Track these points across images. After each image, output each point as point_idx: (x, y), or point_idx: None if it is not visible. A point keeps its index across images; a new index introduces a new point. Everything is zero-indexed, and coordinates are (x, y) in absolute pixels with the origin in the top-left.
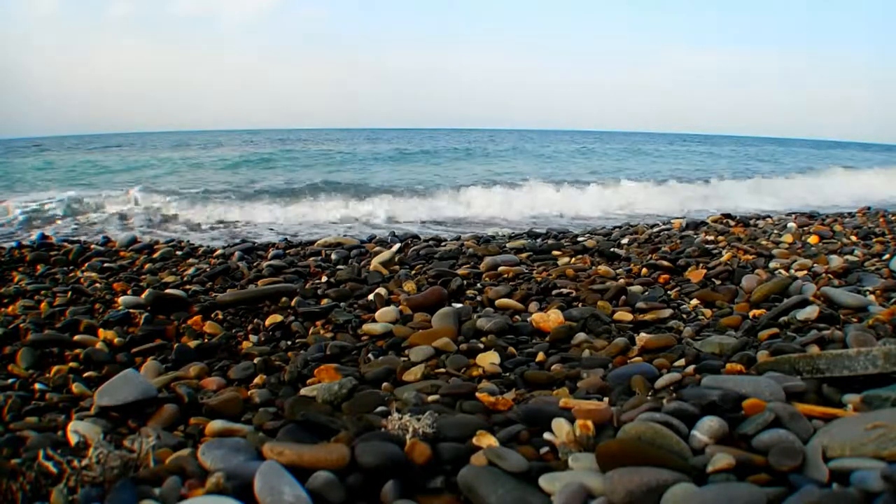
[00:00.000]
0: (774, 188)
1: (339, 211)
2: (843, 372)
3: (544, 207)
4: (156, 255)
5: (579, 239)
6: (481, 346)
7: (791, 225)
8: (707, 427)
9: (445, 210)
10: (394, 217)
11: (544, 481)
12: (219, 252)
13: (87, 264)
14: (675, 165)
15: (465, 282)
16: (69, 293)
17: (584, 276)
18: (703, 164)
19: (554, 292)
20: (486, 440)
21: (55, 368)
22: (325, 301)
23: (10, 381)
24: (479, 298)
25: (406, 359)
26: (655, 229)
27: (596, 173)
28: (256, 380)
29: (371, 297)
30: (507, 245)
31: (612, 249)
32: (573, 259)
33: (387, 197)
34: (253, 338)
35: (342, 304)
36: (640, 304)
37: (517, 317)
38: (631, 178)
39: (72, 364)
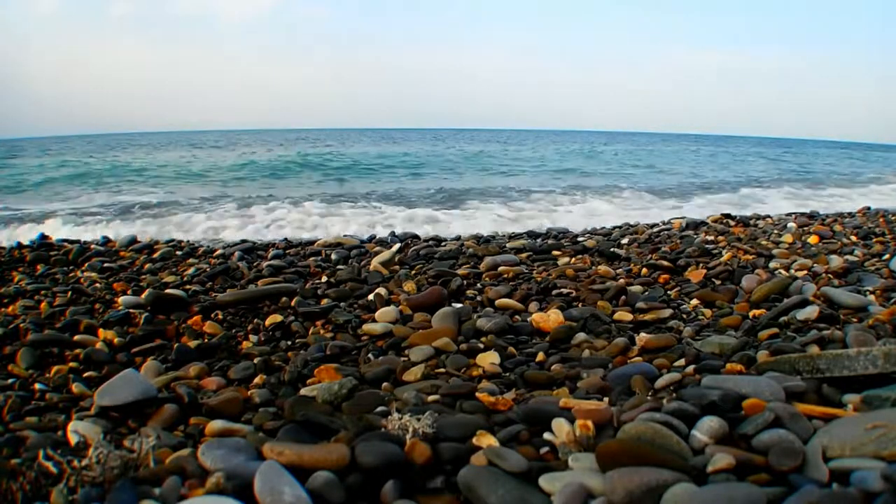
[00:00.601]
0: None
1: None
2: (843, 372)
3: None
4: (156, 255)
5: (579, 239)
6: (481, 346)
7: (791, 225)
8: (707, 427)
9: None
10: None
11: (544, 481)
12: (219, 252)
13: (87, 264)
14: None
15: (465, 282)
16: (69, 293)
17: (584, 276)
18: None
19: (554, 292)
20: (486, 440)
21: (55, 368)
22: (325, 301)
23: (10, 381)
24: (479, 298)
25: (406, 359)
26: (655, 229)
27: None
28: (256, 380)
29: (371, 297)
30: (507, 245)
31: (612, 249)
32: (573, 259)
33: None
34: (253, 338)
35: (342, 304)
36: (640, 304)
37: (517, 317)
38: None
39: (72, 364)
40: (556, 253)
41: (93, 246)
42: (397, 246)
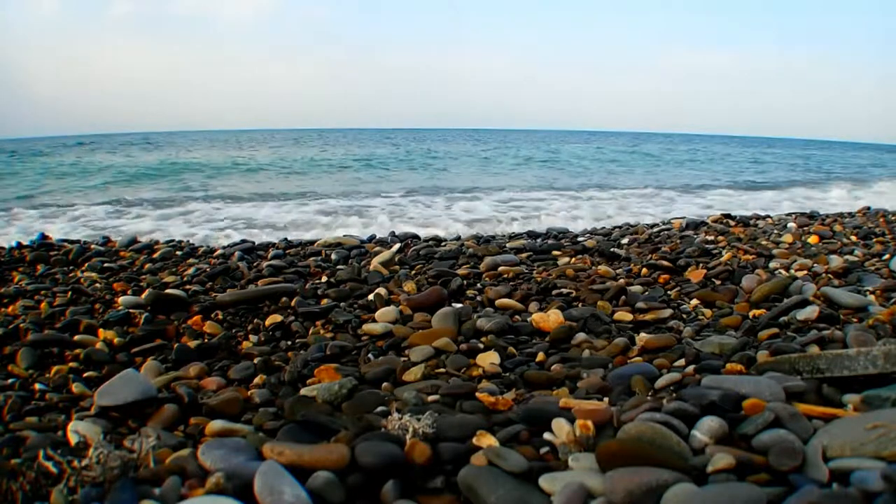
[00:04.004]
0: None
1: None
2: (843, 372)
3: None
4: (156, 255)
5: (579, 239)
6: (481, 346)
7: (791, 225)
8: (707, 427)
9: None
10: None
11: (544, 481)
12: (219, 252)
13: (87, 264)
14: None
15: (465, 282)
16: (69, 293)
17: (584, 276)
18: None
19: (554, 292)
20: (486, 440)
21: (55, 368)
22: (325, 301)
23: (10, 381)
24: (479, 298)
25: (406, 359)
26: (655, 229)
27: None
28: (256, 380)
29: (371, 297)
30: (507, 245)
31: (612, 249)
32: (573, 259)
33: None
34: (253, 338)
35: (342, 304)
36: (640, 304)
37: (517, 317)
38: None
39: (72, 364)
40: (556, 253)
41: (93, 246)
42: (397, 246)
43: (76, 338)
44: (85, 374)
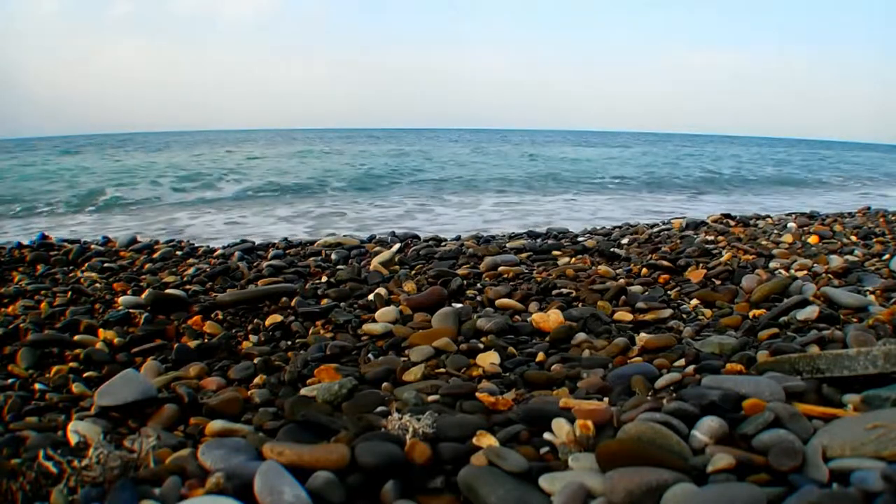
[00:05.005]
0: None
1: None
2: (843, 372)
3: None
4: (156, 255)
5: (579, 239)
6: (481, 346)
7: (791, 225)
8: (707, 427)
9: None
10: None
11: (544, 481)
12: (219, 252)
13: (87, 264)
14: None
15: (465, 282)
16: (69, 293)
17: (584, 276)
18: None
19: (554, 292)
20: (487, 440)
21: (55, 368)
22: (325, 301)
23: (10, 381)
24: (479, 298)
25: (406, 359)
26: (655, 229)
27: None
28: (256, 380)
29: (371, 297)
30: (507, 245)
31: (612, 249)
32: (573, 259)
33: None
34: (253, 338)
35: (342, 304)
36: (640, 304)
37: (517, 317)
38: None
39: (72, 364)
40: (556, 253)
41: (93, 246)
42: (397, 246)
43: (76, 338)
44: (85, 374)
